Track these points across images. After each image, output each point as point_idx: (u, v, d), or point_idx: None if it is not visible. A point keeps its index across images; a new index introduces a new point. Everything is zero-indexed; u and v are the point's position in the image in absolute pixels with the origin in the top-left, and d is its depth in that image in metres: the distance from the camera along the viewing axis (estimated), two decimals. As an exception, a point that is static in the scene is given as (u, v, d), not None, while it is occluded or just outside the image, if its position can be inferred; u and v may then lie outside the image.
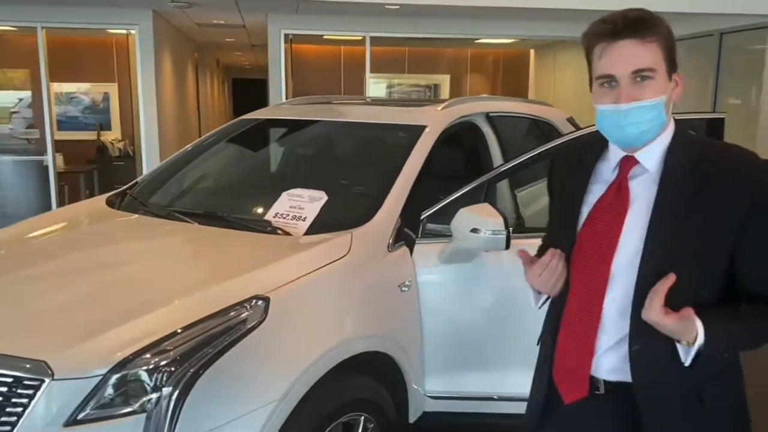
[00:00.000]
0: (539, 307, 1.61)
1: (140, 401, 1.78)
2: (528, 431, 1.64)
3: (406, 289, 2.49)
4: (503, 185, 3.13)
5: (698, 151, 1.38)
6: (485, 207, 2.43)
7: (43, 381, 1.76)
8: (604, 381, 1.46)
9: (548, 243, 1.62)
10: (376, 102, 4.31)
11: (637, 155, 1.40)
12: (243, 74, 19.40)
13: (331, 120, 3.24)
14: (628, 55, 1.33)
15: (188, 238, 2.55)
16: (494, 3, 6.08)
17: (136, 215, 2.83)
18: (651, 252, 1.36)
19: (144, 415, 1.76)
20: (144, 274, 2.22)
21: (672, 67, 1.37)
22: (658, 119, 1.36)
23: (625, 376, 1.43)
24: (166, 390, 1.78)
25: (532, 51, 10.79)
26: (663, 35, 1.34)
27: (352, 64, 10.09)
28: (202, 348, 1.86)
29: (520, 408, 2.60)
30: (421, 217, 2.62)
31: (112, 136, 9.97)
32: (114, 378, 1.77)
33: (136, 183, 3.35)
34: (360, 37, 8.20)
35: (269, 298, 2.02)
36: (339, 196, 2.75)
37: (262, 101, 20.79)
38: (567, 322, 1.48)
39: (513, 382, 2.57)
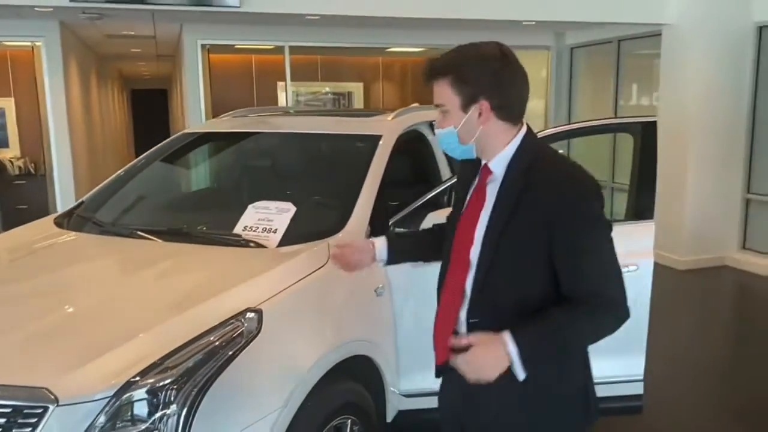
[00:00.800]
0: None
1: (149, 421, 1.78)
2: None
3: (381, 293, 2.58)
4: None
5: (531, 159, 1.63)
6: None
7: (47, 408, 1.72)
8: None
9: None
10: (323, 113, 4.38)
11: (490, 164, 1.68)
12: (142, 84, 18.79)
13: (286, 132, 3.28)
14: (434, 93, 1.68)
15: (161, 255, 2.53)
16: (407, 14, 6.29)
17: (96, 235, 2.76)
18: (488, 239, 1.64)
19: (155, 433, 1.77)
20: (128, 293, 2.20)
21: (470, 100, 1.62)
22: (455, 144, 1.68)
23: None
24: (173, 408, 1.79)
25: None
26: (445, 75, 1.63)
27: (264, 73, 10.05)
28: (204, 364, 1.88)
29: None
30: (389, 223, 2.73)
31: (10, 153, 9.42)
32: (120, 400, 1.77)
33: (82, 202, 3.25)
34: (272, 47, 8.22)
35: (261, 310, 2.07)
36: (305, 207, 2.80)
37: (163, 112, 20.22)
38: (443, 296, 1.78)
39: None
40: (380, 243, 2.03)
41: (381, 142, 2.99)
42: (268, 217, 2.62)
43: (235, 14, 6.19)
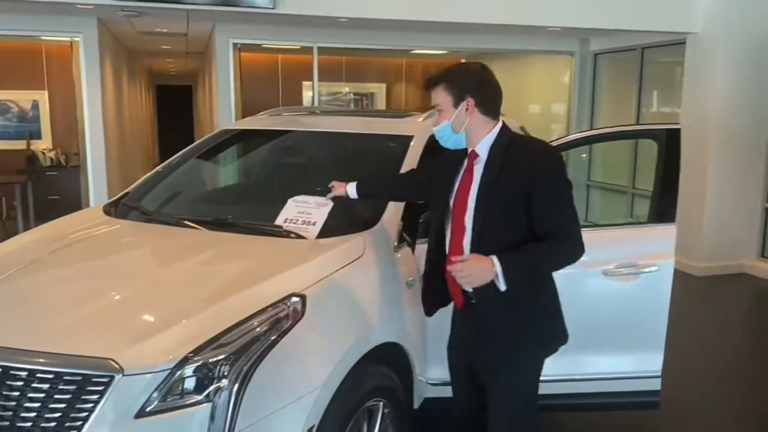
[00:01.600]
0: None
1: (205, 392, 1.94)
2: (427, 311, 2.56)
3: (412, 285, 2.73)
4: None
5: (509, 141, 2.21)
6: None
7: (113, 377, 1.89)
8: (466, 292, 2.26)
9: (416, 177, 2.69)
10: (355, 113, 4.53)
11: (476, 149, 2.24)
12: (168, 80, 19.09)
13: (321, 130, 3.44)
14: (431, 97, 2.28)
15: (209, 242, 2.70)
16: (433, 17, 6.42)
17: (145, 223, 2.94)
18: (478, 203, 2.19)
19: (209, 404, 1.93)
20: (181, 276, 2.37)
21: (459, 98, 2.20)
22: (449, 133, 2.25)
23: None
24: (227, 381, 1.95)
25: (462, 61, 11.28)
26: (442, 83, 2.23)
27: (290, 73, 10.24)
28: (255, 342, 2.04)
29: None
30: (420, 219, 2.87)
31: (43, 145, 9.69)
32: (179, 372, 1.93)
33: (128, 193, 3.43)
34: (299, 47, 8.40)
35: (305, 296, 2.23)
36: (341, 202, 2.96)
37: (187, 107, 20.45)
38: (450, 256, 2.26)
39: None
40: (351, 187, 2.74)
41: (413, 142, 3.14)
42: (307, 211, 2.77)
43: (268, 15, 6.38)
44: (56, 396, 1.92)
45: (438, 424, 3.03)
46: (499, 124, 2.25)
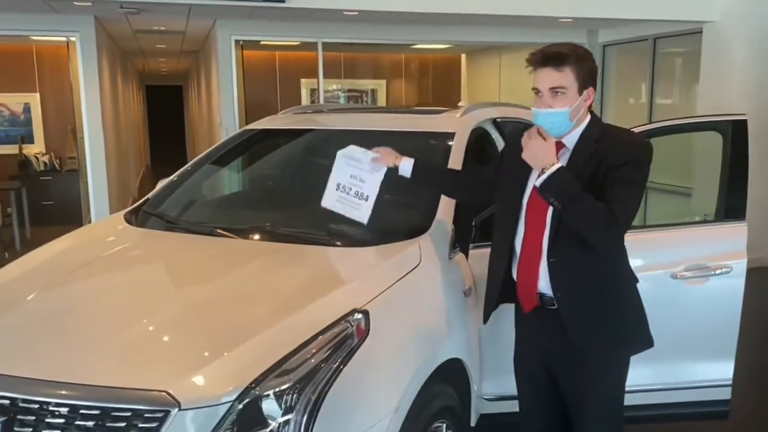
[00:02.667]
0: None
1: (271, 426, 1.73)
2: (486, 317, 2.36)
3: (469, 294, 2.53)
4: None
5: (600, 132, 2.07)
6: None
7: (168, 412, 1.68)
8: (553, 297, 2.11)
9: (481, 177, 2.49)
10: (384, 110, 4.32)
11: (563, 140, 2.08)
12: (158, 81, 18.76)
13: (355, 129, 3.22)
14: (547, 77, 2.02)
15: (251, 253, 2.48)
16: (443, 9, 6.22)
17: (177, 233, 2.72)
18: None
19: (278, 439, 1.72)
20: (230, 293, 2.15)
21: (584, 85, 2.02)
22: (563, 122, 2.04)
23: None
24: (296, 412, 1.75)
25: (463, 56, 11.08)
26: (573, 64, 1.99)
27: (287, 71, 10.01)
28: (321, 367, 1.83)
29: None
30: (473, 223, 2.67)
31: (35, 149, 9.39)
32: (243, 404, 1.72)
33: (148, 199, 3.20)
34: (299, 43, 8.17)
35: (368, 311, 2.02)
36: (385, 205, 2.75)
37: (178, 108, 20.15)
38: (525, 252, 2.15)
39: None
40: (406, 163, 2.49)
41: (455, 139, 2.93)
42: (360, 176, 2.49)
43: (271, 10, 6.15)
44: (104, 436, 1.70)
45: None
46: (589, 115, 2.10)
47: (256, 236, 2.59)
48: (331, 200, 2.45)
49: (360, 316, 2.00)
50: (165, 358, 1.83)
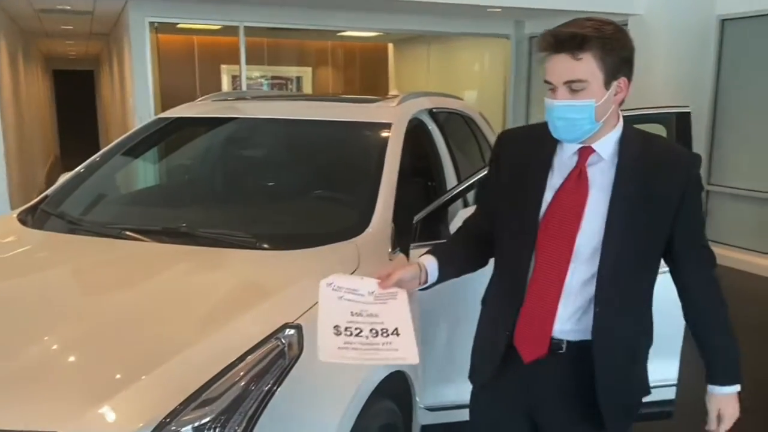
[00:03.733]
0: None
1: (191, 467, 1.47)
2: (478, 386, 1.84)
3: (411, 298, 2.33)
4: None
5: (643, 145, 1.63)
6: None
7: (60, 459, 1.39)
8: (567, 341, 1.67)
9: (484, 214, 1.85)
10: (314, 98, 4.05)
11: (594, 145, 1.59)
12: (66, 65, 17.65)
13: (286, 118, 2.95)
14: (561, 69, 1.53)
15: (165, 260, 2.18)
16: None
17: (79, 236, 2.38)
18: (612, 228, 1.58)
19: (198, 483, 1.46)
20: (138, 309, 1.85)
21: (612, 75, 1.54)
22: (587, 119, 1.54)
23: (583, 335, 1.66)
24: (219, 449, 1.49)
25: (390, 45, 10.90)
26: (596, 49, 1.51)
27: (206, 57, 9.52)
28: (248, 394, 1.58)
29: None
30: (414, 221, 2.47)
31: None
32: (155, 443, 1.45)
33: (47, 197, 2.83)
34: (220, 27, 7.76)
35: (301, 326, 1.78)
36: (317, 202, 2.51)
37: (89, 95, 19.08)
38: (533, 291, 1.65)
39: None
40: (431, 265, 1.74)
41: (393, 130, 2.72)
42: (368, 311, 1.61)
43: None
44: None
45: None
46: (621, 118, 1.65)
47: (171, 239, 2.29)
48: (332, 350, 1.54)
49: (292, 331, 1.75)
50: (60, 389, 1.53)
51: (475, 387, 1.85)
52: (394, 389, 2.21)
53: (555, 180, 1.63)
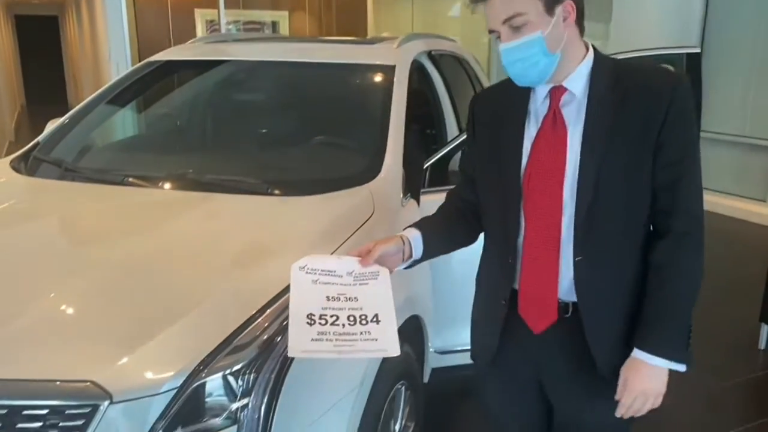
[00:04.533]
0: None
1: (227, 411, 1.46)
2: (484, 364, 1.68)
3: (423, 243, 2.31)
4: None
5: (617, 72, 1.46)
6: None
7: (96, 407, 1.36)
8: (573, 303, 1.50)
9: (467, 182, 1.67)
10: (312, 40, 3.92)
11: (564, 83, 1.45)
12: (29, 10, 16.92)
13: (284, 60, 2.86)
14: (496, 9, 1.41)
15: (174, 208, 2.12)
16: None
17: (78, 183, 2.30)
18: (585, 168, 1.43)
19: (234, 428, 1.45)
20: (156, 257, 1.80)
21: (552, 1, 1.40)
22: (539, 53, 1.41)
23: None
24: (254, 394, 1.48)
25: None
26: None
27: (179, 0, 9.18)
28: (277, 340, 1.56)
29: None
30: (424, 166, 2.44)
31: None
32: (190, 390, 1.43)
33: (38, 143, 2.73)
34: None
35: (325, 271, 1.75)
36: (326, 148, 2.46)
37: (53, 40, 18.35)
38: (528, 253, 1.51)
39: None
40: (415, 238, 1.57)
41: (397, 73, 2.66)
42: (347, 294, 1.45)
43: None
44: (15, 439, 1.36)
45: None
46: (591, 46, 1.50)
47: (177, 185, 2.22)
48: (303, 343, 1.36)
49: (316, 276, 1.73)
50: (86, 340, 1.49)
51: (480, 367, 1.71)
52: (410, 334, 2.22)
53: (532, 130, 1.50)
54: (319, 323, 1.38)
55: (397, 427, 2.12)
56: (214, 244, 1.89)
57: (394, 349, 1.40)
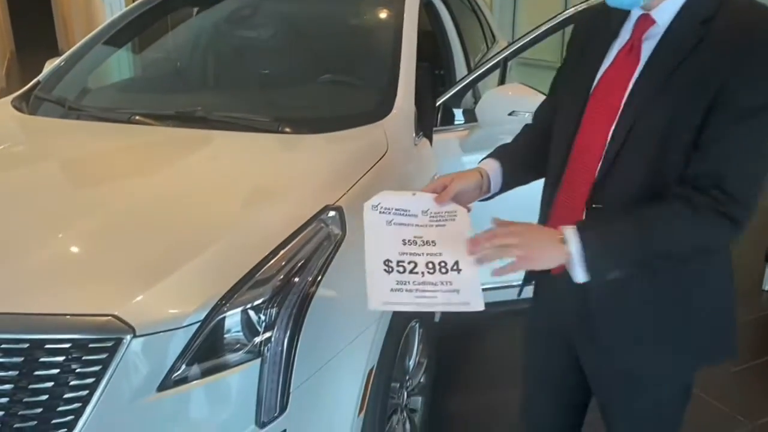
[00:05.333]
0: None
1: (249, 345, 1.46)
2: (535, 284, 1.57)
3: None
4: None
5: (717, 7, 1.22)
6: (519, 86, 2.27)
7: (120, 340, 1.36)
8: None
9: (552, 100, 1.54)
10: None
11: (652, 13, 1.27)
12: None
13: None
14: None
15: (187, 145, 2.07)
16: None
17: (84, 121, 2.25)
18: (632, 102, 1.27)
19: (258, 360, 1.45)
20: (170, 193, 1.77)
21: None
22: None
23: None
24: (277, 328, 1.47)
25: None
26: None
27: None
28: (301, 273, 1.55)
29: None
30: (437, 103, 2.40)
31: None
32: (212, 324, 1.42)
33: (39, 82, 2.66)
34: None
35: (342, 208, 1.73)
36: (335, 85, 2.41)
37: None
38: (566, 180, 1.37)
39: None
40: (494, 171, 1.46)
41: (407, 7, 2.58)
42: (425, 237, 1.33)
43: None
44: (37, 373, 1.36)
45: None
46: None
47: (185, 123, 2.18)
48: (383, 293, 1.27)
49: (334, 213, 1.71)
50: (106, 275, 1.47)
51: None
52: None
53: (609, 59, 1.36)
54: (397, 271, 1.27)
55: (411, 363, 2.14)
56: (228, 181, 1.85)
57: (478, 303, 1.24)
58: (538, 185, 1.48)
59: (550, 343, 1.54)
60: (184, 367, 1.40)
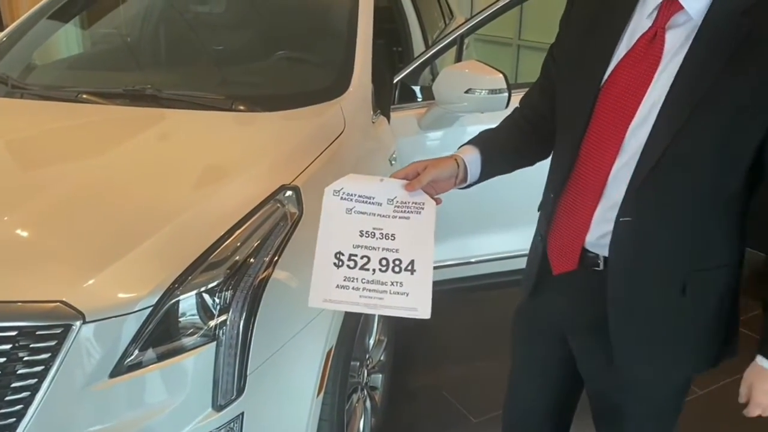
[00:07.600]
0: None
1: (204, 329, 1.43)
2: (524, 294, 1.53)
3: (395, 162, 2.28)
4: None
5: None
6: (475, 63, 2.25)
7: (69, 327, 1.32)
8: (605, 258, 1.28)
9: (545, 85, 1.43)
10: None
11: (681, 1, 1.13)
12: None
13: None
14: None
15: (138, 124, 2.00)
16: None
17: (28, 100, 2.17)
18: (671, 110, 1.14)
19: (213, 344, 1.42)
20: (121, 173, 1.72)
21: None
22: None
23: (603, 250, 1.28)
24: (232, 311, 1.45)
25: None
26: None
27: None
28: (256, 254, 1.52)
29: (496, 267, 2.61)
30: (395, 81, 2.38)
31: None
32: (165, 308, 1.39)
33: (-21, 59, 2.54)
34: None
35: (299, 188, 1.70)
36: (291, 62, 2.36)
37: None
38: (571, 184, 1.30)
39: (491, 243, 2.59)
40: (472, 159, 1.37)
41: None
42: (384, 229, 1.28)
43: None
44: (-17, 362, 1.31)
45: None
46: None
47: (135, 102, 2.11)
48: (327, 288, 1.26)
49: (290, 193, 1.68)
50: (54, 259, 1.42)
51: (522, 298, 1.54)
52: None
53: (623, 47, 1.23)
54: (348, 265, 1.23)
55: (371, 341, 2.15)
56: (180, 161, 1.81)
57: (425, 311, 1.21)
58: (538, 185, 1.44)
59: (545, 336, 1.50)
60: (137, 352, 1.37)
